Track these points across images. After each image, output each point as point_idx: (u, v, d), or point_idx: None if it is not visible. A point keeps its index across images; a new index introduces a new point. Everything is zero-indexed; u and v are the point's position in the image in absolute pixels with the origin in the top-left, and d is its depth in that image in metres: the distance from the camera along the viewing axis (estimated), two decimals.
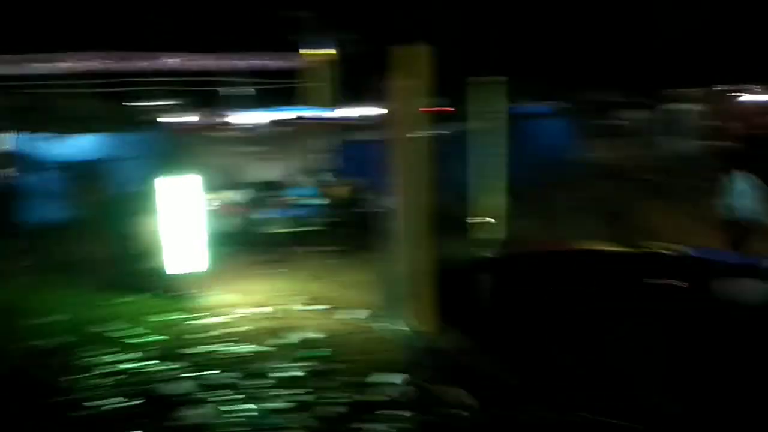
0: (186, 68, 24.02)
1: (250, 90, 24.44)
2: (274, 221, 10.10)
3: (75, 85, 18.82)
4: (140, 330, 6.45)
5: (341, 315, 7.58)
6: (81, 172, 8.90)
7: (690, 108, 21.97)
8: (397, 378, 5.53)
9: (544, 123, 15.41)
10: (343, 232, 10.68)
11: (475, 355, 5.49)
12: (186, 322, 7.14)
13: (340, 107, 21.95)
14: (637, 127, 22.86)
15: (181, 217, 8.04)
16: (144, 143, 11.63)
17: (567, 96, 17.90)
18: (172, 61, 23.06)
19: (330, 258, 9.98)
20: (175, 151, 11.61)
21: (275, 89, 24.88)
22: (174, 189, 8.06)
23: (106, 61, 22.28)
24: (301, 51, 24.19)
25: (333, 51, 24.63)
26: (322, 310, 7.84)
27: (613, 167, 16.14)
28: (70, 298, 7.43)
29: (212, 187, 9.74)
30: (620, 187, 13.35)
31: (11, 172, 10.96)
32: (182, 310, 7.57)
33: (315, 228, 10.41)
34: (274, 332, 6.88)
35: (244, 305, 7.98)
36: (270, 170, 12.44)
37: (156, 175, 10.88)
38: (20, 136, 10.86)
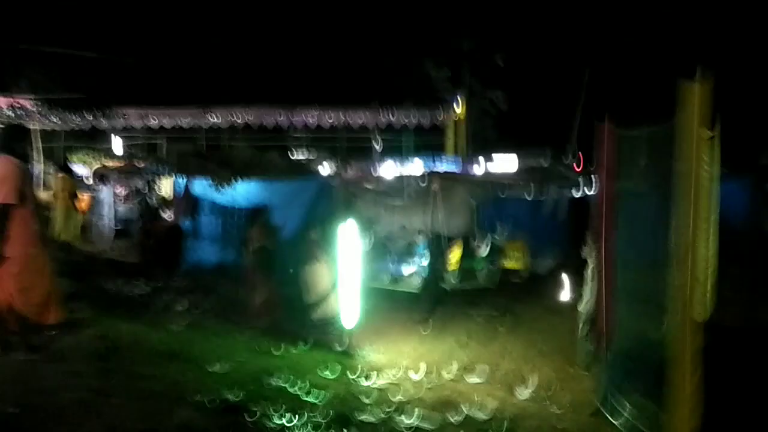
0: (338, 123, 24.89)
1: (397, 143, 24.79)
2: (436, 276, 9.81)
3: (245, 138, 20.00)
4: (306, 386, 6.25)
5: (521, 391, 7.05)
6: (249, 216, 9.11)
7: None
8: None
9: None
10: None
11: None
12: (353, 382, 6.90)
13: (476, 162, 21.64)
14: None
15: (345, 266, 7.93)
16: (306, 192, 11.89)
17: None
18: (328, 116, 24.05)
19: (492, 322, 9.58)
20: (334, 200, 11.76)
21: (420, 143, 25.10)
22: (341, 236, 7.98)
23: (274, 115, 23.55)
24: (445, 106, 24.36)
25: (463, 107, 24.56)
26: (481, 381, 7.38)
27: None
28: (231, 344, 7.45)
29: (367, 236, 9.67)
30: None
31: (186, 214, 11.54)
32: (344, 366, 7.36)
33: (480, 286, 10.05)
34: (449, 404, 6.46)
35: (405, 367, 7.68)
36: (426, 223, 12.30)
37: (316, 224, 11.10)
38: (196, 180, 11.43)
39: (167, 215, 13.23)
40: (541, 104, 23.87)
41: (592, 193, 13.61)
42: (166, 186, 14.47)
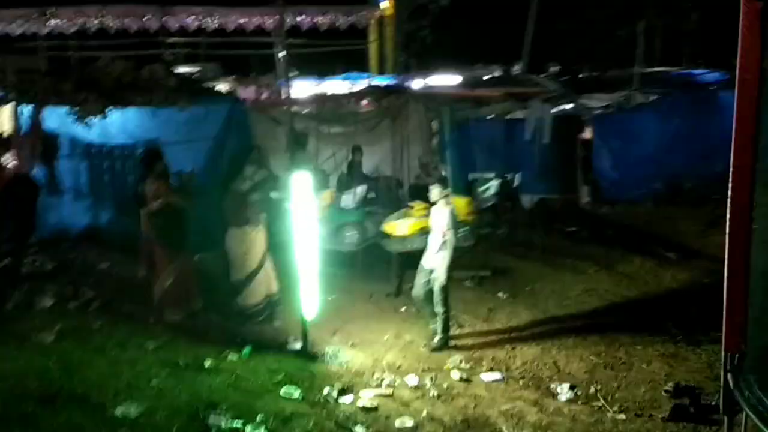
0: (231, 27, 22.46)
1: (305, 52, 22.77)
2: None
3: (104, 47, 17.37)
4: (267, 419, 4.88)
5: (559, 390, 5.97)
6: (142, 160, 7.34)
7: None
8: None
9: None
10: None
11: None
12: (329, 401, 5.56)
13: (414, 73, 20.20)
14: None
15: (301, 234, 6.42)
16: (210, 121, 10.12)
17: None
18: (215, 18, 21.56)
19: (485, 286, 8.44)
20: (249, 132, 10.09)
21: (334, 52, 23.20)
22: (294, 192, 6.44)
23: (144, 18, 20.85)
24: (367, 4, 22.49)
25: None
26: (500, 378, 6.24)
27: None
28: (138, 360, 5.87)
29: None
30: None
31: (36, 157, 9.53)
32: (310, 376, 6.00)
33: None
34: (476, 422, 5.29)
35: (391, 367, 6.40)
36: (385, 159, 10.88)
37: (229, 168, 9.41)
38: (48, 109, 9.35)
39: (6, 160, 10.91)
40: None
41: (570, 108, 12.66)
42: (4, 117, 11.86)
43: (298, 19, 23.37)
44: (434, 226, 6.98)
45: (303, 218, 6.38)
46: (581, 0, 26.60)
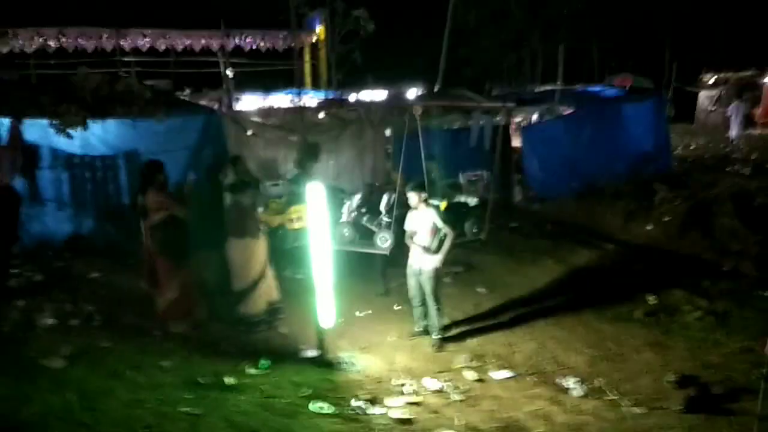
0: (180, 47, 20.59)
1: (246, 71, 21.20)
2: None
3: (65, 65, 15.23)
4: None
5: (570, 384, 5.12)
6: (143, 172, 5.93)
7: None
8: None
9: None
10: None
11: None
12: (360, 414, 4.46)
13: (347, 89, 19.13)
14: None
15: (317, 242, 5.26)
16: (187, 131, 8.74)
17: None
18: (165, 40, 19.59)
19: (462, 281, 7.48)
20: (224, 141, 8.78)
21: (268, 71, 21.76)
22: (309, 202, 5.27)
23: (103, 38, 18.66)
24: (302, 29, 21.13)
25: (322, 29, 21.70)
26: (512, 375, 5.34)
27: None
28: (159, 381, 4.58)
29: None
30: None
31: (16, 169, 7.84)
32: (334, 386, 4.89)
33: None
34: (509, 428, 4.34)
35: (408, 372, 5.37)
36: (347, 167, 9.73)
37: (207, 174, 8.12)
38: (28, 121, 7.70)
39: None
40: (411, 27, 21.85)
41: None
42: None
43: (241, 41, 21.85)
44: (418, 228, 6.00)
45: (317, 227, 5.25)
46: (477, 31, 26.38)
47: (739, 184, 10.67)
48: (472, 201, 8.43)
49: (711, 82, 21.41)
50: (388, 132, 10.92)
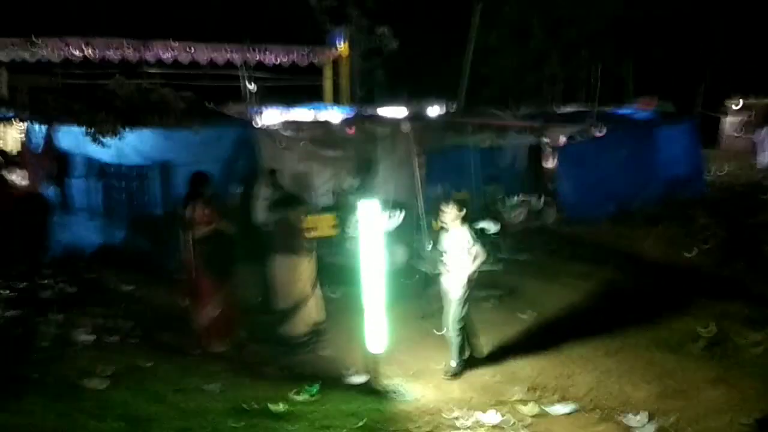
0: (203, 61, 20.50)
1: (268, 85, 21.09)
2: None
3: (91, 75, 15.13)
4: None
5: (634, 421, 4.76)
6: (189, 183, 5.63)
7: None
8: None
9: None
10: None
11: None
12: None
13: (369, 105, 18.95)
14: None
15: (369, 262, 4.97)
16: (221, 143, 8.53)
17: None
18: (192, 52, 19.53)
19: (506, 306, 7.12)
20: (256, 154, 8.56)
21: (290, 87, 21.65)
22: (363, 219, 4.98)
23: (121, 48, 18.58)
24: (325, 45, 21.05)
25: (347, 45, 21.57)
26: (572, 410, 4.99)
27: None
28: (206, 409, 4.27)
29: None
30: None
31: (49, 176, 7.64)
32: (388, 418, 4.55)
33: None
34: None
35: (460, 402, 5.03)
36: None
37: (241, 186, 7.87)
38: (62, 128, 7.49)
39: (16, 178, 8.83)
40: (433, 45, 21.71)
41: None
42: (10, 135, 9.61)
43: (263, 56, 21.71)
44: (450, 248, 5.64)
45: (369, 247, 4.95)
46: (497, 50, 26.19)
47: None
48: (492, 228, 8.06)
49: (737, 107, 21.09)
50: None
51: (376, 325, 4.98)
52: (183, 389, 4.49)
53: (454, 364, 5.61)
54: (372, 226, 4.96)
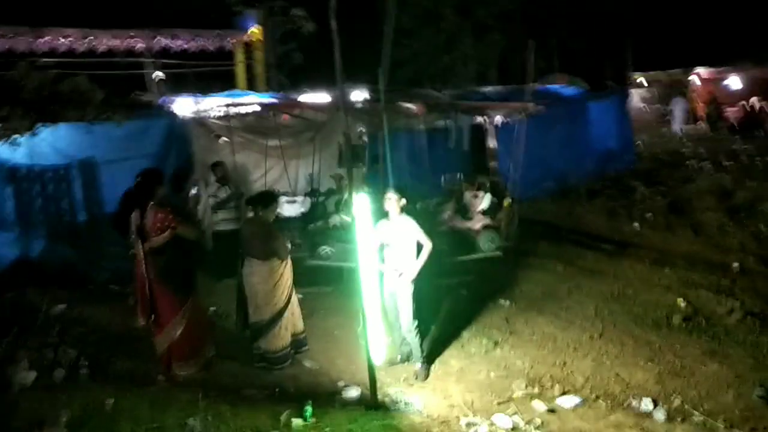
0: (101, 48, 18.66)
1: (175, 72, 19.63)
2: None
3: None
4: None
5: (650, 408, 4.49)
6: (140, 184, 4.70)
7: None
8: None
9: None
10: None
11: None
12: None
13: (290, 91, 18.04)
14: None
15: (365, 264, 4.36)
16: (148, 136, 7.60)
17: None
18: (90, 40, 17.73)
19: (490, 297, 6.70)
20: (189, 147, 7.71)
21: (203, 73, 20.27)
22: (356, 215, 4.35)
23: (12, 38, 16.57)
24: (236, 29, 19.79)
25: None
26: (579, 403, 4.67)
27: None
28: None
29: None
30: None
31: None
32: None
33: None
34: None
35: (469, 407, 4.57)
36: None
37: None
38: None
39: None
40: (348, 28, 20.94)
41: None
42: None
43: (169, 42, 20.16)
44: (392, 242, 5.08)
45: (366, 246, 4.36)
46: (410, 32, 25.80)
47: (715, 179, 10.63)
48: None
49: (643, 81, 21.95)
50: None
51: (375, 333, 4.40)
52: (159, 428, 3.73)
53: (419, 365, 5.13)
54: (365, 222, 4.35)
